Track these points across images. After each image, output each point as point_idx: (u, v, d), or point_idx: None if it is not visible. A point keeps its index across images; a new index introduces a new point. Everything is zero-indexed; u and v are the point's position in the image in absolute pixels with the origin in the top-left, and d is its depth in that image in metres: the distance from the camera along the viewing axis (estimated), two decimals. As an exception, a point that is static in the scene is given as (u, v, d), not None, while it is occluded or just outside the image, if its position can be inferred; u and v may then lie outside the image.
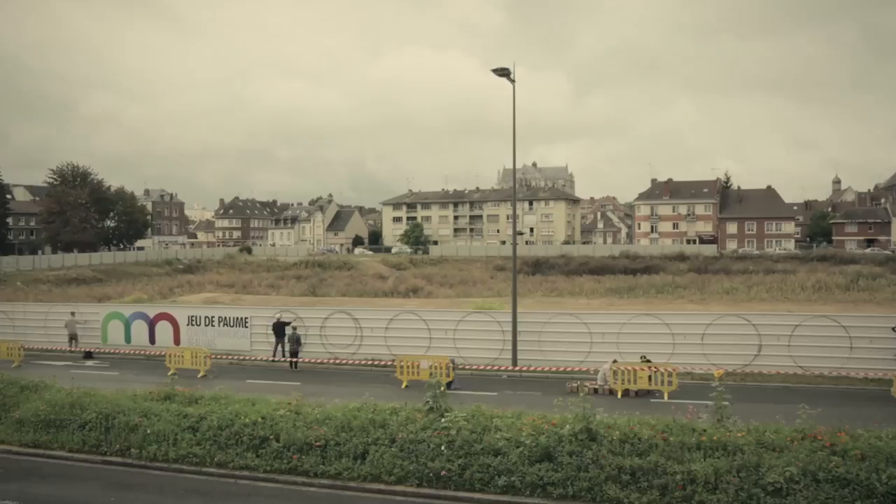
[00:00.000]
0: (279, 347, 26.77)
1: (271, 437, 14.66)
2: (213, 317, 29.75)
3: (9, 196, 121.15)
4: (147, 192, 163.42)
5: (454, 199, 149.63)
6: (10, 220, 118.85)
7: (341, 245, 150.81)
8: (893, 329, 21.94)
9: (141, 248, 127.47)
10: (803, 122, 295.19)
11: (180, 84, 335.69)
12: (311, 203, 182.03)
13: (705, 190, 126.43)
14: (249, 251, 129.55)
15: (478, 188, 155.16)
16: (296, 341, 25.92)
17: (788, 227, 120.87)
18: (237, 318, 29.29)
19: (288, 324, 26.64)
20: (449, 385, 20.69)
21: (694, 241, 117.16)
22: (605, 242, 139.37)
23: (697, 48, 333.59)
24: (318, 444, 14.25)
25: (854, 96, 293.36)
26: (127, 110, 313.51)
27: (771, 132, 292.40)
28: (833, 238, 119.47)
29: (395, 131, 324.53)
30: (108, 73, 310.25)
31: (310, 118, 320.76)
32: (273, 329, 26.91)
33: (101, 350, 30.08)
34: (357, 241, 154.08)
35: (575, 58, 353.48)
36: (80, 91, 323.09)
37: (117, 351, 29.92)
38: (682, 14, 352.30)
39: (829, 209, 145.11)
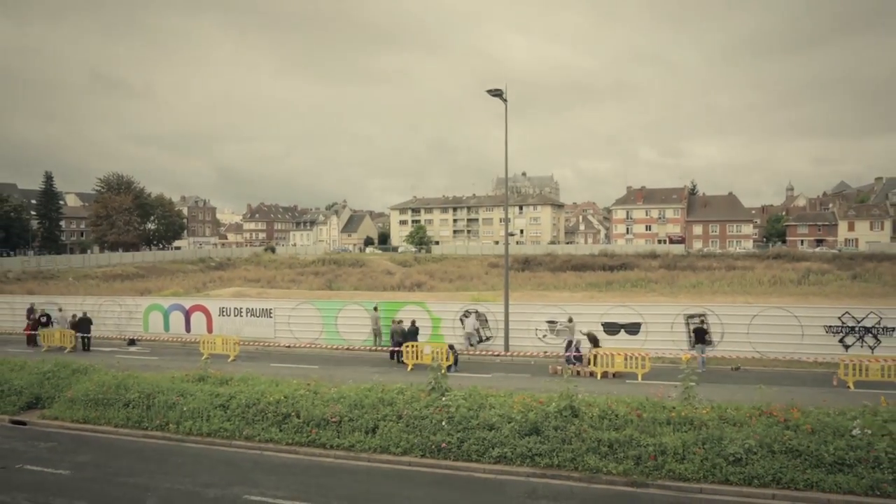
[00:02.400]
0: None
1: (293, 413, 14.69)
2: (241, 308, 29.73)
3: (62, 202, 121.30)
4: (183, 198, 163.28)
5: (453, 205, 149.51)
6: (62, 223, 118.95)
7: (354, 245, 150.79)
8: (840, 319, 21.96)
9: (178, 248, 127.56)
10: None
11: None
12: (328, 208, 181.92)
13: (674, 196, 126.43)
14: (273, 250, 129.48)
15: (474, 195, 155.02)
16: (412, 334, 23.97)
17: (747, 229, 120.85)
18: (262, 310, 29.27)
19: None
20: (449, 368, 20.71)
21: (664, 242, 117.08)
22: (586, 242, 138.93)
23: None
24: (333, 419, 14.28)
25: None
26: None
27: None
28: (786, 238, 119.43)
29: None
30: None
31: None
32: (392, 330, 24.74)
33: (143, 337, 30.10)
34: (368, 242, 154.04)
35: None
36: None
37: (157, 338, 29.94)
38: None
39: (783, 213, 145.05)
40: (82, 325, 28.07)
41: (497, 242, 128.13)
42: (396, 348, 23.85)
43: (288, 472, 12.79)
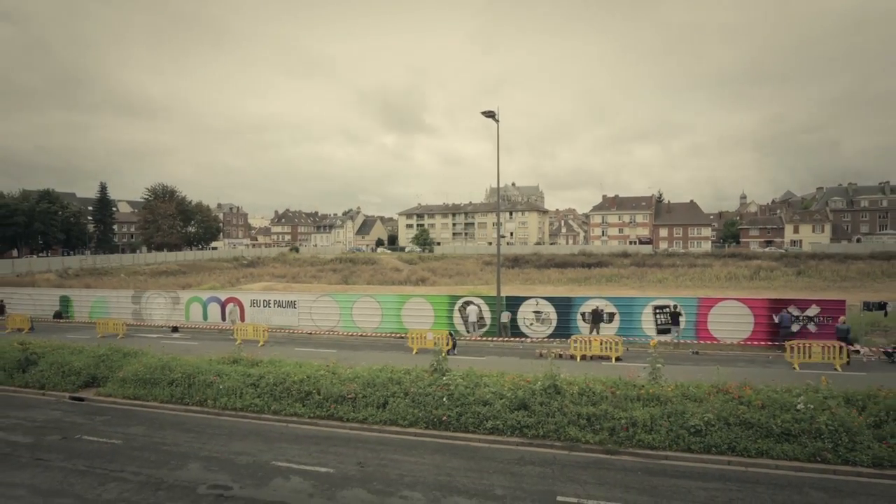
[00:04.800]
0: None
1: (314, 391, 14.70)
2: (269, 300, 29.74)
3: (115, 209, 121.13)
4: (219, 205, 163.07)
5: (452, 211, 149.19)
6: (115, 227, 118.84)
7: (367, 245, 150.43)
8: (786, 310, 21.96)
9: (215, 248, 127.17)
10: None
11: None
12: (344, 213, 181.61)
13: (643, 203, 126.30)
14: (297, 250, 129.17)
15: (470, 202, 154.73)
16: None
17: (706, 232, 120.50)
18: (288, 301, 29.28)
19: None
20: (449, 352, 20.71)
21: (634, 243, 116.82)
22: (567, 243, 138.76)
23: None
24: (349, 396, 14.28)
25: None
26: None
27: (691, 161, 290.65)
28: (740, 240, 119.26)
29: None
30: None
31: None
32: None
33: (185, 325, 30.11)
34: (379, 243, 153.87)
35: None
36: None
37: (197, 326, 29.94)
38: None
39: (737, 218, 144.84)
40: None
41: (490, 243, 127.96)
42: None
43: (310, 441, 12.79)
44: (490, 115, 23.61)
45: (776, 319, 21.72)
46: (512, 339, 24.21)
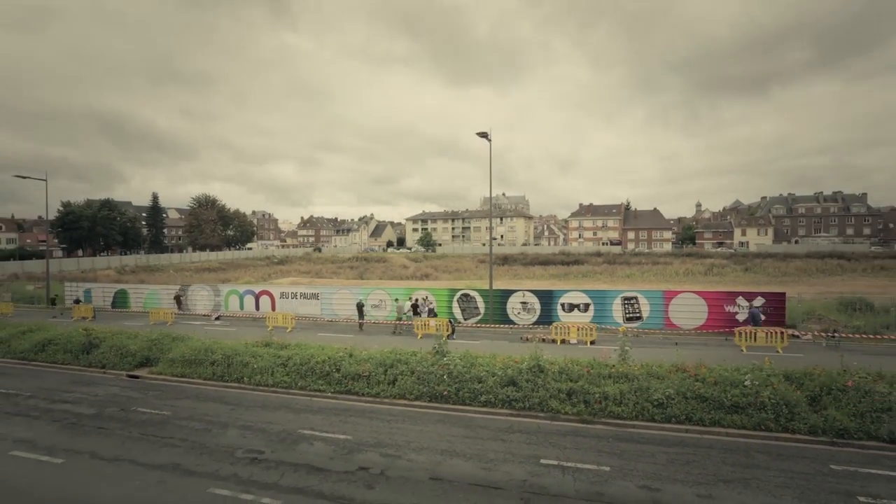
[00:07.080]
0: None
1: (334, 370, 14.70)
2: (296, 293, 29.72)
3: (164, 215, 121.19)
4: (254, 212, 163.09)
5: (452, 217, 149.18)
6: (165, 230, 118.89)
7: (379, 246, 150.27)
8: (735, 302, 21.94)
9: (249, 248, 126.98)
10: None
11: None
12: (360, 219, 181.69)
13: (614, 210, 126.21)
14: (319, 251, 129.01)
15: (467, 209, 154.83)
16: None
17: (667, 235, 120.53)
18: (311, 294, 29.27)
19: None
20: (449, 336, 20.69)
21: (606, 244, 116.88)
22: (549, 244, 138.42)
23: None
24: (364, 374, 14.28)
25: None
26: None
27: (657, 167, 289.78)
28: (696, 241, 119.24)
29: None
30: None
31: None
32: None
33: (224, 314, 30.09)
34: (389, 244, 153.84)
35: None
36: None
37: (235, 314, 29.92)
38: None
39: (694, 223, 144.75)
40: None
41: (483, 244, 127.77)
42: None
43: (331, 413, 12.79)
44: (483, 135, 23.60)
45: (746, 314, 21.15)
46: (502, 325, 24.19)
